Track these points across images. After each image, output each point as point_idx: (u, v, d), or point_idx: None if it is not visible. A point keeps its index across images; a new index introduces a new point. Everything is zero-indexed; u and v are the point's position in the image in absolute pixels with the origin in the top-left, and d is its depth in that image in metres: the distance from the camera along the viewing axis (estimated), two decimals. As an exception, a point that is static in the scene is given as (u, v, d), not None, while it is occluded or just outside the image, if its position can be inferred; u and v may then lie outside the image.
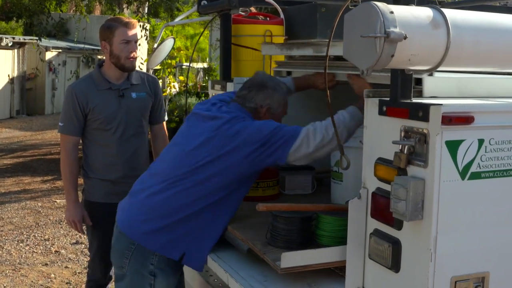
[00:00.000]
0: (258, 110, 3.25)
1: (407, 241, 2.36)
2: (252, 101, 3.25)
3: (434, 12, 2.18)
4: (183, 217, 3.06)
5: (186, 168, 3.07)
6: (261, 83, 3.31)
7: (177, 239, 3.08)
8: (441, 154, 2.20)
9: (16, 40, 21.17)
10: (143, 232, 3.11)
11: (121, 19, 4.15)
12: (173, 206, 3.08)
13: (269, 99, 3.27)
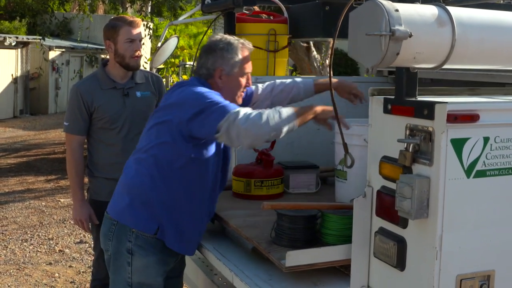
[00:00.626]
0: (212, 75, 3.19)
1: (412, 240, 2.36)
2: (204, 67, 3.20)
3: (439, 10, 2.18)
4: (149, 191, 3.08)
5: (145, 142, 3.17)
6: (209, 46, 3.23)
7: (151, 213, 3.09)
8: (446, 152, 2.20)
9: (19, 39, 21.19)
10: (121, 209, 3.16)
11: (125, 18, 4.15)
12: (138, 181, 3.13)
13: (220, 60, 3.18)
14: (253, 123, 2.80)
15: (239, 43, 3.24)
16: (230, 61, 3.18)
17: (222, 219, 3.35)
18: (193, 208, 3.15)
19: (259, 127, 2.81)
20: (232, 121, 2.82)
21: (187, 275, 3.90)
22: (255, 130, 2.81)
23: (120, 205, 3.18)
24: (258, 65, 4.29)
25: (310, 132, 4.30)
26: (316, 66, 11.66)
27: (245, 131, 2.80)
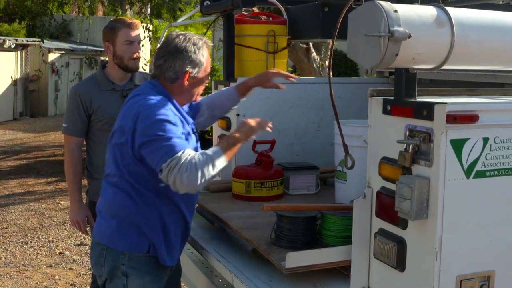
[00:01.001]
0: (180, 78, 3.06)
1: (412, 240, 2.36)
2: (171, 70, 3.06)
3: (438, 11, 2.18)
4: (134, 212, 3.02)
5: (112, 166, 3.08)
6: (176, 48, 3.06)
7: (140, 233, 3.02)
8: (446, 153, 2.20)
9: (19, 42, 21.20)
10: (109, 233, 3.09)
11: (124, 20, 4.15)
12: (121, 203, 3.05)
13: (188, 63, 3.05)
14: (188, 176, 2.72)
15: (203, 43, 3.15)
16: (198, 63, 3.08)
17: (222, 220, 3.35)
18: (177, 219, 3.11)
19: (194, 181, 2.73)
20: (172, 169, 2.74)
21: (187, 276, 3.90)
22: (190, 183, 2.74)
23: (107, 229, 3.10)
24: (257, 67, 4.30)
25: (310, 133, 4.31)
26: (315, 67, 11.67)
27: (180, 183, 2.74)
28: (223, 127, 4.26)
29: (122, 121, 3.00)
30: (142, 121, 2.88)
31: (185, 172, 2.71)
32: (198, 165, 2.73)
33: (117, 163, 3.02)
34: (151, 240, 3.02)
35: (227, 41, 4.23)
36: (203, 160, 2.76)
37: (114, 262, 3.06)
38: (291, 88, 4.22)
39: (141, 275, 3.06)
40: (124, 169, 3.00)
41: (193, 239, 3.49)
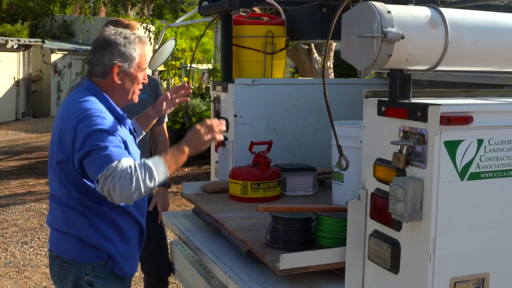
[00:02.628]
0: (109, 72, 2.97)
1: (406, 242, 2.34)
2: (100, 64, 2.96)
3: (432, 12, 2.17)
4: (88, 228, 2.98)
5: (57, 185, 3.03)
6: (105, 41, 2.98)
7: (98, 245, 2.99)
8: (439, 155, 2.18)
9: (21, 42, 21.22)
10: (68, 247, 3.04)
11: (121, 21, 4.13)
12: (73, 221, 3.01)
13: (118, 56, 2.96)
14: (121, 186, 2.65)
15: (136, 37, 3.06)
16: (129, 57, 2.98)
17: (218, 221, 3.34)
18: (132, 226, 3.10)
19: (126, 191, 2.67)
20: (106, 178, 2.67)
21: (184, 277, 3.90)
22: (122, 193, 2.68)
23: (66, 243, 3.05)
24: (255, 68, 4.30)
25: (308, 134, 4.30)
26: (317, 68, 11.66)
27: (113, 193, 2.67)
28: (222, 128, 4.25)
29: (62, 137, 2.90)
30: (79, 135, 2.80)
31: (118, 182, 2.64)
32: (133, 174, 2.66)
33: (62, 181, 2.95)
34: (109, 254, 3.00)
35: (225, 42, 4.22)
36: (140, 170, 2.69)
37: (78, 273, 3.01)
38: (289, 89, 4.22)
39: (106, 284, 3.04)
40: (70, 186, 2.94)
41: (189, 239, 3.48)
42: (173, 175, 11.58)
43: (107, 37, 2.99)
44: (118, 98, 3.05)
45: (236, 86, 4.07)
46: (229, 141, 4.17)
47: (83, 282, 3.01)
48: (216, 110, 4.37)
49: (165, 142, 4.45)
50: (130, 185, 2.65)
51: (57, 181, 3.00)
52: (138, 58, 3.01)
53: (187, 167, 12.19)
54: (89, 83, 3.03)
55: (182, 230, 3.66)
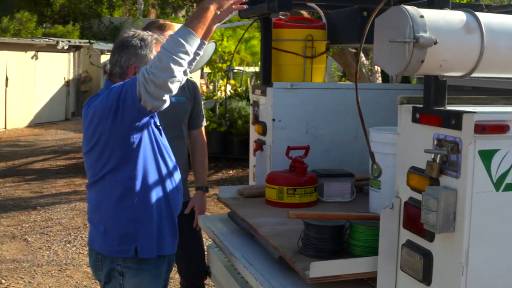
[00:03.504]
0: (126, 73, 3.11)
1: (438, 254, 2.27)
2: (118, 65, 3.11)
3: (467, 16, 2.10)
4: (109, 212, 3.12)
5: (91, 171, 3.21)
6: (122, 43, 3.12)
7: (125, 235, 3.11)
8: (474, 164, 2.11)
9: (71, 43, 21.56)
10: (99, 240, 3.19)
11: (156, 22, 4.16)
12: (98, 206, 3.18)
13: (134, 57, 3.10)
14: (157, 67, 2.76)
15: (153, 39, 3.16)
16: (144, 58, 3.10)
17: (252, 226, 3.31)
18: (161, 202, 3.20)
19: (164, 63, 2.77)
20: (144, 79, 2.79)
21: (219, 281, 3.87)
22: (160, 67, 2.77)
23: (97, 236, 3.20)
24: (294, 71, 4.26)
25: (347, 140, 4.24)
26: (364, 72, 11.57)
27: (158, 79, 2.77)
28: (259, 131, 4.23)
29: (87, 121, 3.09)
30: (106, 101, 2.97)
31: (150, 68, 2.77)
32: (163, 49, 2.78)
33: (92, 164, 3.15)
34: (137, 240, 3.11)
35: (264, 45, 4.20)
36: (166, 43, 2.80)
37: (111, 265, 3.15)
38: (329, 94, 4.17)
39: (136, 274, 3.14)
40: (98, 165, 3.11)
41: (223, 244, 3.46)
42: (217, 178, 11.61)
43: (125, 39, 3.12)
44: None
45: (274, 90, 4.04)
46: (266, 145, 4.14)
47: (115, 272, 3.15)
48: (255, 114, 4.34)
49: (203, 146, 4.45)
50: (164, 57, 2.76)
51: (89, 167, 3.19)
52: None
53: (231, 170, 12.21)
54: (109, 83, 3.15)
55: (217, 234, 3.64)
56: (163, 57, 2.77)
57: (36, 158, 13.83)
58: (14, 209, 9.22)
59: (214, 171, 12.22)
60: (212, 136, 12.85)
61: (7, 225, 8.35)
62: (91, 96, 3.20)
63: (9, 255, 7.08)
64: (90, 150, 3.14)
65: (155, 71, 2.76)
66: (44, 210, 9.14)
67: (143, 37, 3.12)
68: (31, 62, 20.07)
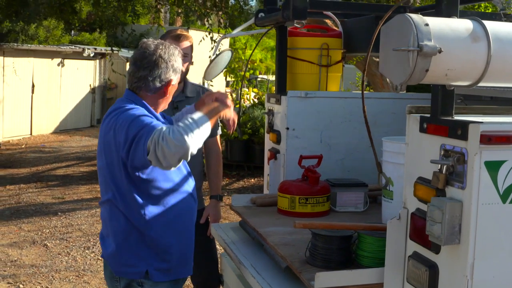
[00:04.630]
0: (163, 86, 3.12)
1: (444, 266, 2.23)
2: (157, 80, 3.09)
3: (474, 25, 2.07)
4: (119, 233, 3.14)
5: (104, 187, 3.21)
6: (157, 57, 3.08)
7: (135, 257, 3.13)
8: (479, 176, 2.07)
9: (97, 51, 21.73)
10: (112, 259, 3.21)
11: (173, 31, 4.16)
12: (109, 226, 3.18)
13: (171, 72, 3.12)
14: (173, 136, 2.76)
15: (178, 50, 3.20)
16: (178, 71, 3.16)
17: (261, 235, 3.28)
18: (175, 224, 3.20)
19: (179, 138, 2.76)
20: (157, 141, 2.77)
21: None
22: (176, 143, 2.76)
23: (111, 252, 3.20)
24: (309, 80, 4.23)
25: (362, 149, 4.19)
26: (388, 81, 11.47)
27: (167, 147, 2.75)
28: (274, 140, 4.20)
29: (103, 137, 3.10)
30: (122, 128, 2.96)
31: (169, 135, 2.75)
32: (179, 127, 2.79)
33: (108, 184, 3.12)
34: (149, 263, 3.12)
35: (280, 53, 4.17)
36: (184, 123, 2.82)
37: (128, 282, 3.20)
38: (343, 103, 4.13)
39: (155, 285, 3.16)
40: (116, 191, 3.09)
41: (233, 252, 3.44)
42: (239, 186, 11.59)
43: (158, 52, 3.10)
44: (159, 108, 3.21)
45: (288, 98, 4.01)
46: (280, 154, 4.11)
47: (134, 283, 3.17)
48: (269, 122, 4.32)
49: (218, 154, 4.43)
50: (179, 133, 2.76)
51: (104, 185, 3.18)
52: (180, 70, 3.20)
53: (253, 178, 12.18)
54: (130, 93, 3.15)
55: (228, 242, 3.61)
56: (186, 134, 2.78)
57: (59, 164, 13.94)
58: (35, 214, 9.29)
59: (236, 179, 12.20)
60: (235, 145, 12.85)
61: (27, 230, 8.41)
62: (111, 108, 3.18)
63: (28, 260, 7.13)
64: (100, 167, 3.17)
65: (171, 141, 2.75)
66: (64, 216, 9.19)
67: (173, 50, 3.16)
68: (57, 69, 20.27)
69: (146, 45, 3.12)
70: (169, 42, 4.02)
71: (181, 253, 3.24)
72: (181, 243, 3.25)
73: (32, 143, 17.55)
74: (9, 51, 17.85)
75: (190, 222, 3.36)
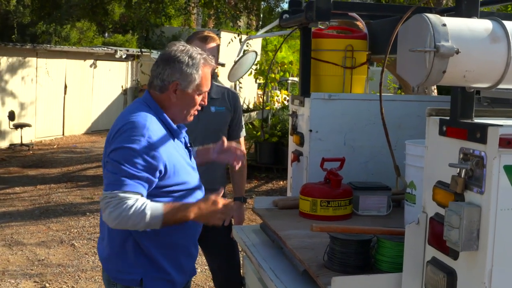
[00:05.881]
0: (167, 87, 2.96)
1: (462, 272, 2.18)
2: (159, 78, 2.97)
3: (494, 25, 2.01)
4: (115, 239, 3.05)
5: None
6: (169, 57, 2.97)
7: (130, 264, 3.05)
8: (498, 180, 2.01)
9: (129, 52, 21.87)
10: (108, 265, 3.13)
11: (200, 33, 4.16)
12: (106, 230, 3.09)
13: (178, 74, 2.94)
14: (112, 213, 2.76)
15: (201, 58, 3.01)
16: (189, 76, 2.95)
17: (281, 238, 3.25)
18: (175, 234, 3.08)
19: (110, 220, 2.79)
20: (106, 201, 2.77)
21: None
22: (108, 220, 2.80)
23: (104, 255, 3.16)
24: (333, 82, 4.19)
25: (386, 152, 4.12)
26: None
27: (107, 216, 2.78)
28: (297, 142, 4.17)
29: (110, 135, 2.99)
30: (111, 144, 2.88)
31: (111, 209, 2.75)
32: (126, 212, 2.74)
33: None
34: (143, 273, 3.04)
35: (303, 55, 4.14)
36: (134, 212, 2.75)
37: None
38: (368, 106, 4.08)
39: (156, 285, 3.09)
40: None
41: (253, 255, 3.41)
42: (267, 188, 11.57)
43: (173, 52, 2.98)
44: (172, 115, 3.05)
45: (312, 100, 3.97)
46: (303, 157, 4.08)
47: (134, 283, 3.07)
48: (293, 124, 4.29)
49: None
50: (118, 218, 2.75)
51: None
52: (199, 80, 2.99)
53: (282, 181, 12.15)
54: (147, 95, 3.07)
55: (248, 245, 3.59)
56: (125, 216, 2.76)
57: (90, 165, 14.04)
58: (64, 214, 9.37)
59: (265, 181, 12.18)
60: (264, 147, 12.84)
61: (56, 230, 8.48)
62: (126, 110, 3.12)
63: (55, 260, 7.18)
64: None
65: (110, 209, 2.77)
66: (93, 216, 9.24)
67: (192, 54, 2.98)
68: (89, 70, 20.46)
69: (171, 45, 3.05)
70: (196, 43, 4.03)
71: (177, 262, 3.12)
72: (178, 253, 3.14)
73: (64, 144, 17.73)
74: (42, 52, 18.07)
75: (191, 235, 3.23)
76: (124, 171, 2.79)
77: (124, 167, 2.79)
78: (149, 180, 2.84)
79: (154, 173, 2.86)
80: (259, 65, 13.06)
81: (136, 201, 2.77)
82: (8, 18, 19.84)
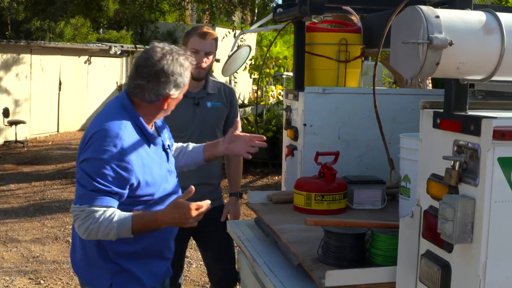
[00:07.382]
0: (159, 99, 2.93)
1: (457, 265, 2.17)
2: (153, 93, 2.90)
3: (487, 17, 2.00)
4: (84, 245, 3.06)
5: None
6: (162, 70, 2.88)
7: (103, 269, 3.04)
8: (492, 172, 2.01)
9: (124, 48, 21.82)
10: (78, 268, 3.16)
11: (198, 28, 4.16)
12: (76, 238, 3.10)
13: (172, 87, 2.92)
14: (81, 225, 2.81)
15: (189, 63, 3.01)
16: (181, 86, 2.97)
17: (275, 232, 3.24)
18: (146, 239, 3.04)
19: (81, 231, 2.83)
20: (76, 213, 2.81)
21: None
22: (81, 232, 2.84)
23: (75, 258, 3.18)
24: (327, 76, 4.17)
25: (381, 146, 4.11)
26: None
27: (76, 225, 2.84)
28: (291, 137, 4.16)
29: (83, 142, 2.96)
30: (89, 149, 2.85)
31: (81, 221, 2.80)
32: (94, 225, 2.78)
33: None
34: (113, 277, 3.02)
35: (297, 49, 4.12)
36: (102, 224, 2.78)
37: None
38: (362, 99, 4.07)
39: None
40: None
41: (247, 249, 3.40)
42: (262, 183, 11.56)
43: (166, 66, 2.90)
44: (151, 117, 3.05)
45: (306, 94, 3.96)
46: (297, 151, 4.07)
47: None
48: (287, 118, 4.27)
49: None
50: (87, 230, 2.80)
51: None
52: (187, 84, 3.04)
53: (277, 176, 12.15)
54: (126, 98, 3.00)
55: (242, 239, 3.58)
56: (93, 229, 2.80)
57: (85, 161, 14.00)
58: (59, 211, 9.34)
59: (260, 176, 12.17)
60: (259, 142, 12.80)
61: (50, 226, 8.46)
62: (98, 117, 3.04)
63: (50, 256, 7.16)
64: None
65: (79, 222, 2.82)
66: (88, 212, 9.21)
67: (181, 62, 2.95)
68: (84, 66, 20.42)
69: (153, 51, 2.94)
70: (195, 38, 4.03)
71: (147, 268, 3.09)
72: (148, 259, 3.10)
73: (59, 140, 17.70)
74: (37, 49, 18.02)
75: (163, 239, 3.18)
76: (93, 186, 2.78)
77: (93, 182, 2.78)
78: (119, 193, 2.84)
79: (125, 185, 2.85)
80: (254, 60, 13.07)
81: (103, 213, 2.79)
82: (2, 15, 19.75)
